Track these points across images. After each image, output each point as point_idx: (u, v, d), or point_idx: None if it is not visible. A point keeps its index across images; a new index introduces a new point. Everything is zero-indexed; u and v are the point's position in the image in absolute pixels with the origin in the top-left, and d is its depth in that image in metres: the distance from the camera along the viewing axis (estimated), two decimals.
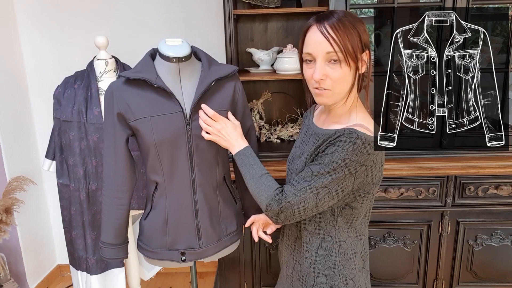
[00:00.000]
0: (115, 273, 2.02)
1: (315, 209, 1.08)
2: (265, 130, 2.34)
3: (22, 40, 2.48)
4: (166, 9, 2.41)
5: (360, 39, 1.05)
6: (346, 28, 1.03)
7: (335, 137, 1.05)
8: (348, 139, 1.01)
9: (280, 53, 2.19)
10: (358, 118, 1.10)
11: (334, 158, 1.02)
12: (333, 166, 1.02)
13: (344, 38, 1.02)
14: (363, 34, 1.06)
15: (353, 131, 1.03)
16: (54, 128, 1.90)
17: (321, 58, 1.06)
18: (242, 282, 2.19)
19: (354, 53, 1.04)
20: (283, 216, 1.09)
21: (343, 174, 1.03)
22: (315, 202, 1.06)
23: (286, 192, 1.09)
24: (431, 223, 2.04)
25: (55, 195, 2.31)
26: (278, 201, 1.09)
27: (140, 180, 1.84)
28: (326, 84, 1.07)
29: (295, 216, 1.08)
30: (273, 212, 1.10)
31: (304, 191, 1.06)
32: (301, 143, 1.24)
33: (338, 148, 1.02)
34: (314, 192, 1.05)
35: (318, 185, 1.04)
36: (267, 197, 1.12)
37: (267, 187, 1.14)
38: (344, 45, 1.02)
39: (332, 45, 1.03)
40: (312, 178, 1.05)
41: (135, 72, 1.33)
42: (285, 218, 1.10)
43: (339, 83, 1.07)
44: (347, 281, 1.17)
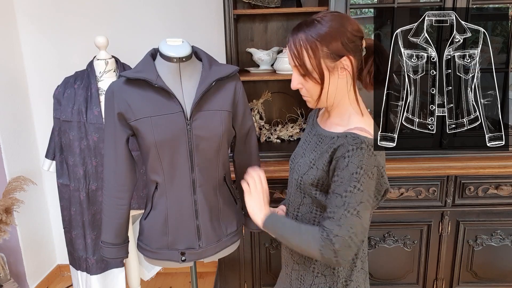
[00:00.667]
0: (115, 273, 2.02)
1: (363, 229, 1.04)
2: (265, 130, 2.34)
3: (22, 40, 2.48)
4: (166, 9, 2.41)
5: (328, 50, 1.03)
6: (311, 43, 1.03)
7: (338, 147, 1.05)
8: (355, 146, 1.02)
9: (280, 53, 2.19)
10: (358, 120, 1.10)
11: (352, 170, 1.01)
12: (355, 177, 1.01)
13: (307, 54, 1.04)
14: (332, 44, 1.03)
15: (355, 137, 1.03)
16: (54, 128, 1.90)
17: (293, 69, 1.11)
18: (242, 282, 2.19)
19: (316, 69, 1.05)
20: (341, 253, 1.01)
21: (366, 181, 1.02)
22: (360, 223, 1.02)
23: (329, 228, 1.02)
24: (431, 223, 2.04)
25: (55, 195, 2.31)
26: (327, 240, 1.01)
27: (140, 180, 1.84)
28: (303, 92, 1.13)
29: (352, 248, 1.01)
30: (329, 254, 1.02)
31: (345, 218, 1.01)
32: (304, 142, 1.24)
33: (350, 159, 1.02)
34: (354, 213, 1.01)
35: (354, 205, 1.01)
36: (315, 244, 1.03)
37: (311, 234, 1.06)
38: (305, 61, 1.05)
39: (294, 61, 1.07)
40: (344, 201, 1.02)
41: (135, 72, 1.33)
42: (344, 254, 1.01)
43: (312, 93, 1.10)
44: (346, 282, 1.16)
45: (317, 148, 1.14)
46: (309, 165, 1.13)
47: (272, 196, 2.03)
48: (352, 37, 1.05)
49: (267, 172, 1.91)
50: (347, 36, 1.04)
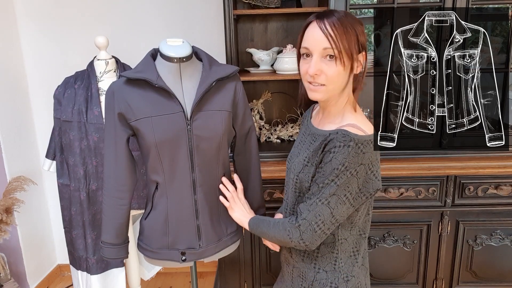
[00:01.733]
0: (115, 273, 2.02)
1: (333, 219, 1.08)
2: (265, 130, 2.34)
3: (22, 40, 2.48)
4: (166, 9, 2.41)
5: (357, 40, 1.06)
6: (345, 27, 1.05)
7: (328, 142, 1.07)
8: (342, 143, 1.03)
9: (280, 53, 2.19)
10: (351, 117, 1.12)
11: (334, 165, 1.04)
12: (335, 173, 1.04)
13: (342, 37, 1.04)
14: (360, 35, 1.07)
15: (345, 134, 1.04)
16: (54, 128, 1.90)
17: (317, 53, 1.07)
18: (242, 282, 2.19)
19: (350, 52, 1.06)
20: (306, 236, 1.09)
21: (346, 178, 1.05)
22: (329, 212, 1.07)
23: (300, 210, 1.11)
24: (431, 223, 2.04)
25: (55, 195, 2.31)
26: (294, 224, 1.10)
27: (141, 180, 1.84)
28: (321, 79, 1.09)
29: (318, 232, 1.08)
30: (296, 238, 1.10)
31: (316, 205, 1.07)
32: (299, 143, 1.25)
33: (334, 154, 1.04)
34: (324, 202, 1.06)
35: (326, 195, 1.06)
36: (284, 229, 1.13)
37: (281, 223, 1.15)
38: (341, 43, 1.05)
39: (330, 42, 1.05)
40: (319, 190, 1.07)
41: (136, 72, 1.34)
42: (310, 238, 1.09)
43: (333, 79, 1.08)
44: (347, 278, 1.17)
45: (311, 147, 1.15)
46: (303, 163, 1.15)
47: (272, 196, 2.04)
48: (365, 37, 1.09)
49: (267, 172, 1.92)
50: (363, 35, 1.09)
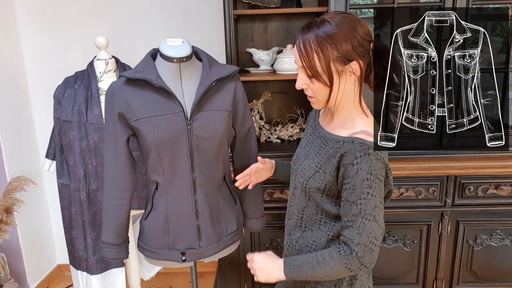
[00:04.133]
0: (115, 273, 2.02)
1: (381, 230, 1.06)
2: (265, 130, 2.34)
3: (22, 40, 2.48)
4: (166, 9, 2.41)
5: (338, 53, 1.02)
6: (321, 44, 1.02)
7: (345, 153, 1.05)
8: (362, 153, 1.02)
9: (280, 53, 2.19)
10: (362, 123, 1.10)
11: (362, 176, 1.02)
12: (367, 184, 1.02)
13: (312, 57, 1.03)
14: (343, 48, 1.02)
15: (362, 143, 1.03)
16: (54, 128, 1.90)
17: (300, 69, 1.10)
18: (242, 282, 2.19)
19: (326, 72, 1.04)
20: (366, 260, 1.04)
21: (377, 185, 1.04)
22: (377, 226, 1.05)
23: (348, 237, 1.05)
24: (431, 223, 2.04)
25: (55, 195, 2.31)
26: (350, 254, 1.04)
27: (141, 180, 1.84)
28: (309, 92, 1.12)
29: (374, 250, 1.04)
30: (356, 265, 1.05)
31: (364, 225, 1.03)
32: (307, 144, 1.23)
33: (359, 165, 1.02)
34: (371, 219, 1.03)
35: (370, 211, 1.03)
36: (340, 265, 1.06)
37: (329, 257, 1.07)
38: (312, 65, 1.04)
39: (303, 63, 1.05)
40: (360, 208, 1.03)
41: (136, 72, 1.34)
42: (369, 259, 1.04)
43: (318, 93, 1.09)
44: (351, 280, 1.17)
45: (322, 151, 1.13)
46: (315, 169, 1.13)
47: (272, 196, 2.04)
48: (362, 41, 1.04)
49: None
50: (358, 39, 1.03)
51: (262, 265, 1.17)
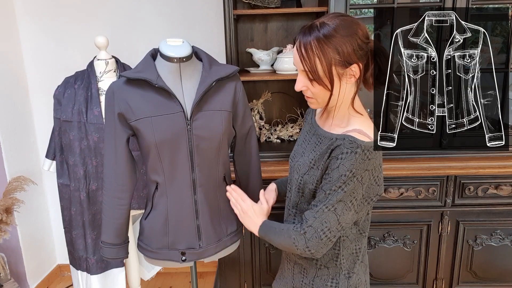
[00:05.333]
0: (115, 273, 2.02)
1: (338, 226, 1.07)
2: (265, 130, 2.34)
3: (23, 40, 2.48)
4: (166, 9, 2.41)
5: (340, 57, 1.02)
6: (321, 48, 1.02)
7: (335, 148, 1.06)
8: (349, 150, 1.03)
9: (280, 53, 2.19)
10: (357, 122, 1.11)
11: (342, 172, 1.04)
12: (342, 179, 1.04)
13: (314, 61, 1.03)
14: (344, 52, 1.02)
15: (352, 140, 1.04)
16: (54, 128, 1.90)
17: (300, 72, 1.10)
18: (242, 282, 2.19)
19: (327, 76, 1.04)
20: (312, 244, 1.07)
21: (353, 185, 1.05)
22: (336, 219, 1.06)
23: (305, 216, 1.09)
24: (431, 223, 2.04)
25: (55, 195, 2.31)
26: (299, 231, 1.08)
27: (140, 180, 1.84)
28: (308, 93, 1.12)
29: (323, 240, 1.07)
30: (301, 245, 1.08)
31: (322, 212, 1.06)
32: (303, 141, 1.24)
33: (342, 161, 1.04)
34: (331, 209, 1.05)
35: (333, 202, 1.05)
36: (289, 236, 1.10)
37: (285, 229, 1.12)
38: (313, 69, 1.04)
39: (304, 66, 1.05)
40: (326, 197, 1.06)
41: (136, 72, 1.34)
42: (315, 245, 1.07)
43: (318, 95, 1.10)
44: (349, 274, 1.18)
45: (317, 149, 1.14)
46: (309, 165, 1.14)
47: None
48: (362, 44, 1.04)
49: (267, 172, 1.92)
50: (358, 43, 1.03)
51: (247, 213, 1.24)
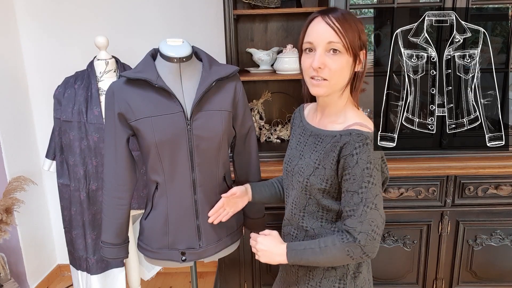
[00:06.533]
0: (115, 273, 2.02)
1: (382, 219, 1.08)
2: (265, 130, 2.34)
3: (23, 40, 2.48)
4: (166, 9, 2.41)
5: (359, 37, 1.08)
6: (349, 23, 1.07)
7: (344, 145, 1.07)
8: (361, 143, 1.04)
9: (280, 53, 2.19)
10: (355, 116, 1.12)
11: (362, 166, 1.04)
12: (367, 173, 1.05)
13: (347, 31, 1.06)
14: (362, 33, 1.09)
15: (359, 133, 1.05)
16: (54, 128, 1.90)
17: (322, 47, 1.08)
18: (242, 282, 2.19)
19: (354, 47, 1.07)
20: (368, 248, 1.06)
21: (376, 174, 1.06)
22: (379, 214, 1.06)
23: (350, 226, 1.06)
24: (431, 223, 2.04)
25: (55, 195, 2.31)
26: (353, 242, 1.05)
27: (141, 180, 1.84)
28: (324, 73, 1.08)
29: (377, 239, 1.06)
30: (358, 254, 1.06)
31: (365, 213, 1.05)
32: (298, 144, 1.23)
33: (358, 155, 1.05)
34: (373, 207, 1.05)
35: (371, 199, 1.05)
36: (343, 250, 1.07)
37: (332, 245, 1.08)
38: (347, 37, 1.06)
39: (337, 34, 1.06)
40: (361, 197, 1.05)
41: (136, 72, 1.34)
42: (371, 248, 1.06)
43: (336, 74, 1.09)
44: (355, 274, 1.19)
45: (318, 148, 1.14)
46: (314, 166, 1.13)
47: None
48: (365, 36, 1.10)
49: (267, 172, 1.91)
50: (364, 33, 1.10)
51: (265, 248, 1.17)
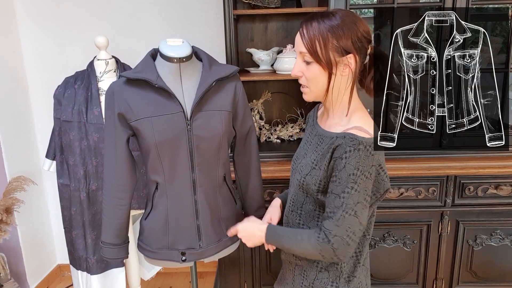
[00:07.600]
0: (115, 273, 2.02)
1: (360, 227, 1.07)
2: (265, 130, 2.34)
3: (23, 40, 2.48)
4: (166, 9, 2.41)
5: (338, 44, 1.06)
6: (322, 33, 1.06)
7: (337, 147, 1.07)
8: (352, 148, 1.04)
9: (280, 53, 2.19)
10: (358, 120, 1.11)
11: (349, 171, 1.04)
12: (352, 179, 1.04)
13: (315, 42, 1.07)
14: (343, 39, 1.06)
15: (353, 138, 1.04)
16: (55, 128, 1.90)
17: (298, 56, 1.13)
18: (242, 282, 2.19)
19: (324, 57, 1.07)
20: (340, 252, 1.06)
21: (363, 181, 1.05)
22: (357, 221, 1.06)
23: (327, 228, 1.07)
24: (431, 223, 2.04)
25: (55, 195, 2.31)
26: (325, 242, 1.07)
27: (141, 180, 1.84)
28: (302, 81, 1.14)
29: (351, 245, 1.06)
30: (329, 254, 1.07)
31: (343, 218, 1.05)
32: (305, 143, 1.25)
33: (347, 160, 1.04)
34: (352, 214, 1.05)
35: (351, 205, 1.05)
36: (315, 248, 1.09)
37: (307, 239, 1.10)
38: (313, 49, 1.07)
39: (305, 46, 1.08)
40: (342, 202, 1.05)
41: (136, 72, 1.34)
42: (344, 252, 1.07)
43: (311, 82, 1.12)
44: (349, 278, 1.18)
45: (318, 149, 1.15)
46: (311, 166, 1.14)
47: (272, 196, 2.03)
48: (361, 37, 1.08)
49: (267, 172, 1.92)
50: (357, 35, 1.07)
51: (246, 234, 1.25)
